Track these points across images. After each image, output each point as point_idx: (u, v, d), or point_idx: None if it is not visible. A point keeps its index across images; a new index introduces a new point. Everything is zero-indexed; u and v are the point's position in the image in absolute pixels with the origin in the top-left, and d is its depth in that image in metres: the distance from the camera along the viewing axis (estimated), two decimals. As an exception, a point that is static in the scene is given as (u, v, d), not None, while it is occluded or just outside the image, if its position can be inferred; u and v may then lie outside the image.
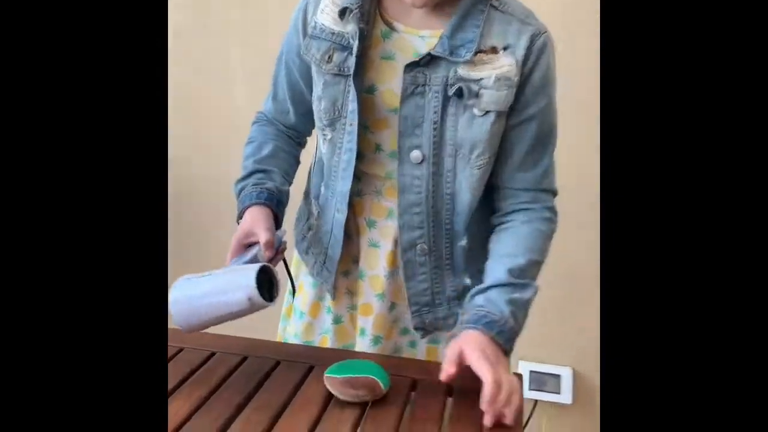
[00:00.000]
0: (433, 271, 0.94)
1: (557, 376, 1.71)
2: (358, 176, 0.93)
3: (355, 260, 0.98)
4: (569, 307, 1.67)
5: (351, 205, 0.94)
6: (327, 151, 0.95)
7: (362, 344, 0.98)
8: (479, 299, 0.86)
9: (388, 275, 0.96)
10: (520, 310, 0.86)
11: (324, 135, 0.94)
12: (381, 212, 0.95)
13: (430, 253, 0.93)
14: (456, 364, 0.79)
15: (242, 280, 0.80)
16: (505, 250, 0.90)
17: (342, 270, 0.98)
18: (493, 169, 0.91)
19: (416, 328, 0.97)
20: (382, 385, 0.79)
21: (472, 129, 0.86)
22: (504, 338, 0.82)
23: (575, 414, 1.74)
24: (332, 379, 0.80)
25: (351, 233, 0.97)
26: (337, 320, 1.02)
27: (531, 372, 1.71)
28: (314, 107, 0.95)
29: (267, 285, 0.82)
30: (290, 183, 1.01)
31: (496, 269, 0.88)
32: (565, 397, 1.70)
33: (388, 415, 0.77)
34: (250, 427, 0.74)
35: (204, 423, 0.75)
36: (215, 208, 1.80)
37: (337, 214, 0.95)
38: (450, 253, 0.94)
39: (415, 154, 0.88)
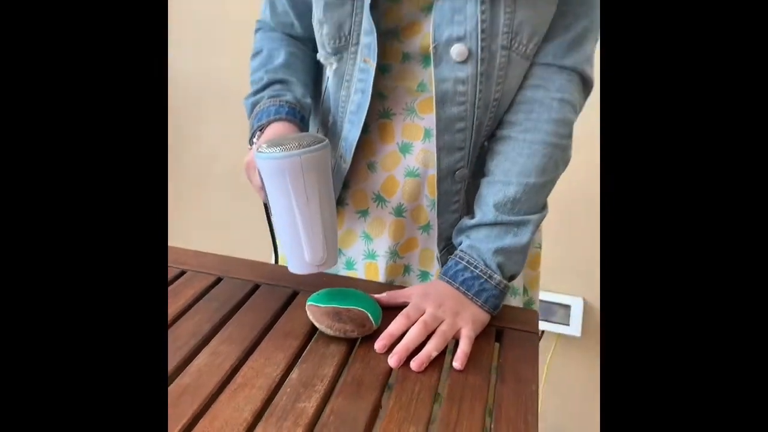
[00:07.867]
0: (466, 199, 0.78)
1: (567, 307, 1.61)
2: (383, 93, 0.77)
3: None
4: (579, 233, 1.55)
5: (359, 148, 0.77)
6: (333, 83, 0.77)
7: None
8: (464, 242, 0.73)
9: (431, 205, 0.79)
10: (514, 257, 0.72)
11: (329, 63, 0.76)
12: (416, 133, 0.77)
13: (471, 179, 0.77)
14: (393, 298, 0.72)
15: None
16: (495, 174, 0.73)
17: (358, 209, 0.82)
18: None
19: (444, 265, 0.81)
20: (372, 320, 0.68)
21: (537, 5, 0.68)
22: (484, 297, 0.70)
23: (584, 347, 1.65)
24: (315, 309, 0.68)
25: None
26: (348, 266, 0.84)
27: (540, 301, 1.61)
28: (315, 31, 0.77)
29: None
30: (312, 96, 0.82)
31: (483, 202, 0.73)
32: (575, 329, 1.60)
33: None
34: (218, 360, 0.63)
35: (164, 353, 0.64)
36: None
37: (339, 162, 0.78)
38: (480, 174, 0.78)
39: (458, 50, 0.68)
